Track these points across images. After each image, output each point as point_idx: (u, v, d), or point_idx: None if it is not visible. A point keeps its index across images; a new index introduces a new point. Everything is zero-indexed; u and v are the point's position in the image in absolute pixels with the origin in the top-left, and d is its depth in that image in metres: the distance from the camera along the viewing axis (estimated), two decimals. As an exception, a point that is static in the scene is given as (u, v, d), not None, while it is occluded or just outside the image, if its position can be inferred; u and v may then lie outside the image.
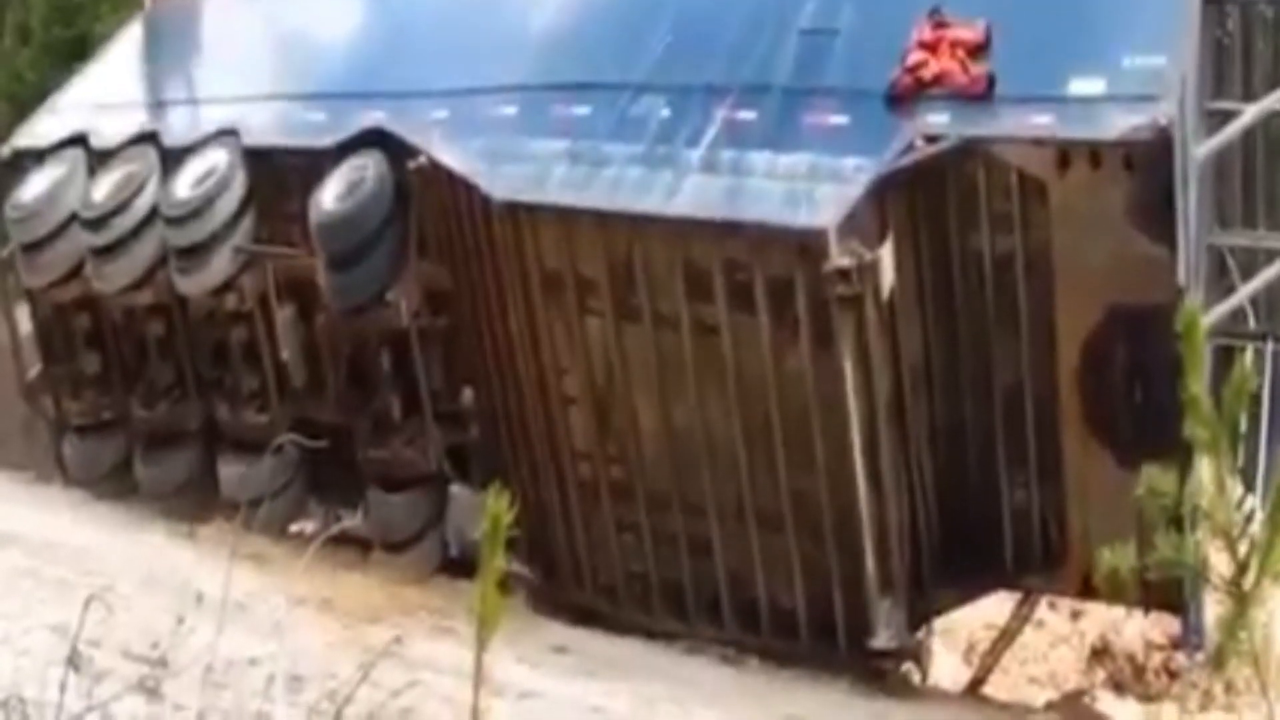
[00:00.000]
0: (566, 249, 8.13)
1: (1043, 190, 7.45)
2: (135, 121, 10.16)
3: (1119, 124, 7.21)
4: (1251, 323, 9.40)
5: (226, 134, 9.56)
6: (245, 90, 10.04)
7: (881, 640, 7.94)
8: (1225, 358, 9.28)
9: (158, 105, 10.39)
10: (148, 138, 9.90)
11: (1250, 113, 8.45)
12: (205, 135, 9.63)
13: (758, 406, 7.82)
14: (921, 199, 7.63)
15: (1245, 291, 8.86)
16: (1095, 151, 7.29)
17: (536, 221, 8.17)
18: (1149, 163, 7.17)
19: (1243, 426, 8.04)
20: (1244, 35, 9.47)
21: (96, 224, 9.57)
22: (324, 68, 10.03)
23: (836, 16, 8.38)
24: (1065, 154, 7.35)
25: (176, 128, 9.96)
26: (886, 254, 7.39)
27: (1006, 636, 8.89)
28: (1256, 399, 8.76)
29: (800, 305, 7.47)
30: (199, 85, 10.46)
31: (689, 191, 7.81)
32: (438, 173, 8.62)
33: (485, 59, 9.17)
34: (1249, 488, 9.19)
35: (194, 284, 9.52)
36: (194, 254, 9.38)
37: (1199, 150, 8.00)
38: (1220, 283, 9.32)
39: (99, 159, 9.94)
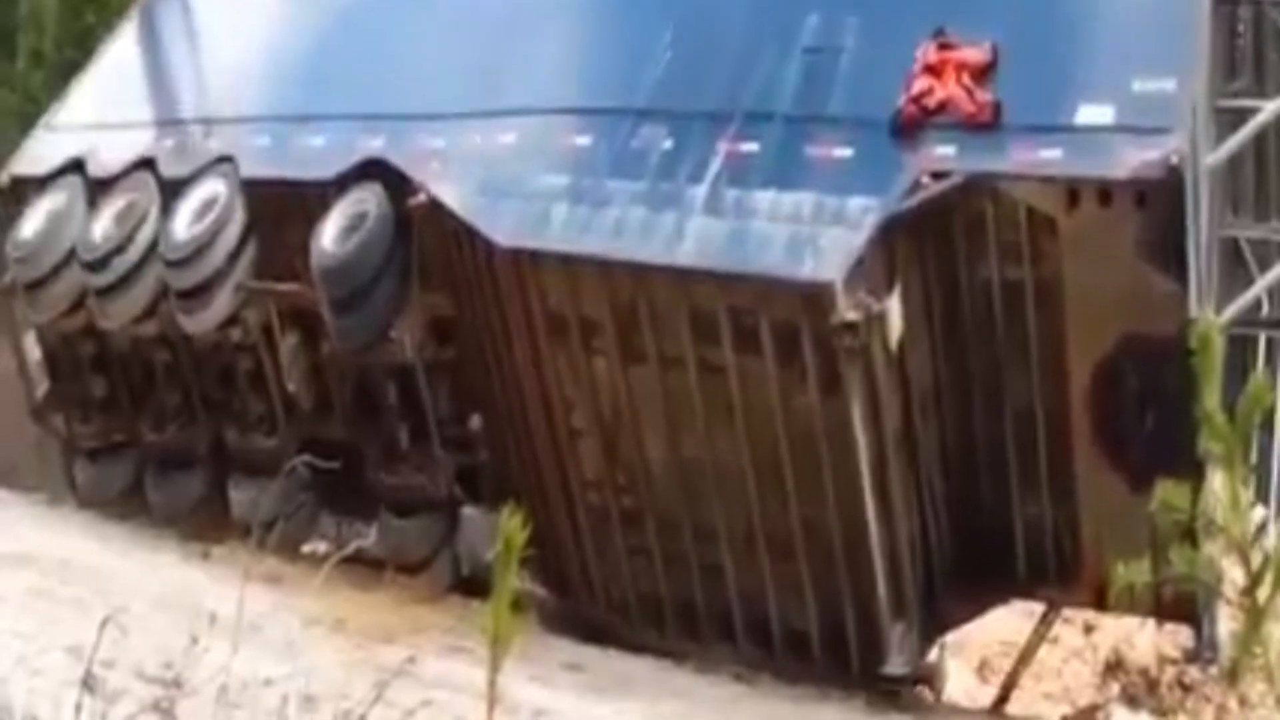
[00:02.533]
0: (570, 293, 8.03)
1: (1052, 226, 7.32)
2: (132, 142, 10.02)
3: (1129, 160, 7.07)
4: (1265, 309, 9.32)
5: (224, 161, 9.44)
6: (241, 110, 9.88)
7: (894, 666, 7.92)
8: (1239, 347, 9.24)
9: (154, 125, 10.23)
10: (146, 164, 9.78)
11: (1265, 113, 8.29)
12: (203, 164, 9.49)
13: (766, 441, 7.73)
14: (929, 236, 7.50)
15: (1260, 286, 8.78)
16: (1105, 189, 7.17)
17: (540, 267, 8.07)
18: (1160, 200, 7.05)
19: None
20: (1255, 27, 9.30)
21: (97, 265, 9.49)
22: (319, 89, 9.82)
23: (840, 34, 8.20)
24: (1074, 191, 7.23)
25: (174, 153, 9.80)
26: (894, 303, 7.27)
27: (1026, 656, 8.87)
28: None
29: (807, 353, 7.37)
30: (195, 104, 10.30)
31: (693, 236, 7.68)
32: (439, 210, 8.49)
33: (482, 82, 9.01)
34: (1261, 493, 9.16)
35: (197, 323, 9.42)
36: (196, 295, 9.30)
37: (1209, 160, 7.86)
38: (1236, 274, 9.22)
39: (98, 187, 9.83)
